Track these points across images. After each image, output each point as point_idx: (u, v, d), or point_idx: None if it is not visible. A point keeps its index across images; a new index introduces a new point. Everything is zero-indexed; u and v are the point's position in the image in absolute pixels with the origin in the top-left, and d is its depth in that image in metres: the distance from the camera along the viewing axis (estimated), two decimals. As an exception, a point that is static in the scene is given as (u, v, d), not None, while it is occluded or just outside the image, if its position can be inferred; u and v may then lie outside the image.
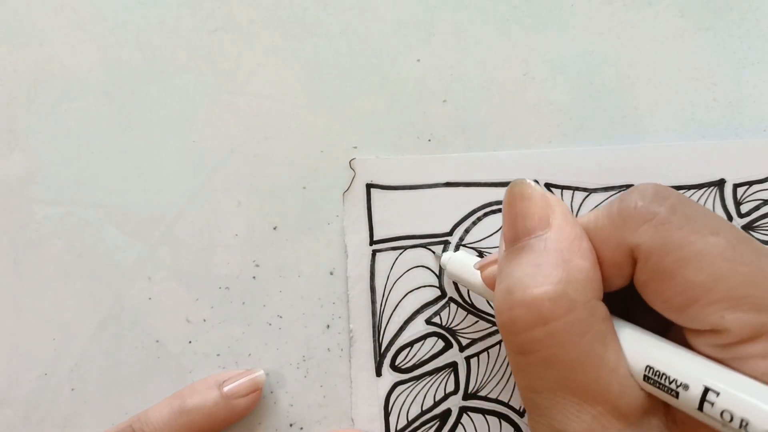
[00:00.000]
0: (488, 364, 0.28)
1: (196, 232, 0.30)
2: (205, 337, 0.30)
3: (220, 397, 0.28)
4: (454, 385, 0.29)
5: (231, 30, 0.31)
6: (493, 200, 0.29)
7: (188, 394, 0.28)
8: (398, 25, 0.30)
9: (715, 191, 0.29)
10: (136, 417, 0.28)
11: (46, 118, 0.31)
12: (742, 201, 0.29)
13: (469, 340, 0.29)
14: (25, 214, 0.31)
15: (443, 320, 0.29)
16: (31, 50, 0.31)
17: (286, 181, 0.30)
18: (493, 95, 0.30)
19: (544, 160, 0.29)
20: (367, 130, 0.30)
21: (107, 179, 0.31)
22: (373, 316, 0.29)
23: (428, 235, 0.29)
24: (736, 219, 0.29)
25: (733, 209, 0.28)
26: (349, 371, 0.29)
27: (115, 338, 0.30)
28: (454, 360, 0.28)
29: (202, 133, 0.30)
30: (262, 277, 0.30)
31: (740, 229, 0.20)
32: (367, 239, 0.29)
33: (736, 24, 0.30)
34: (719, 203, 0.28)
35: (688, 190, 0.29)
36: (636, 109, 0.29)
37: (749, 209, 0.29)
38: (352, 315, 0.29)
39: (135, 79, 0.31)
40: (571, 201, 0.29)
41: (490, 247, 0.29)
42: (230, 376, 0.28)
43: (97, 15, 0.31)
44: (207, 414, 0.28)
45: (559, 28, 0.30)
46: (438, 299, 0.29)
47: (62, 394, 0.30)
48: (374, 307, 0.29)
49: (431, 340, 0.29)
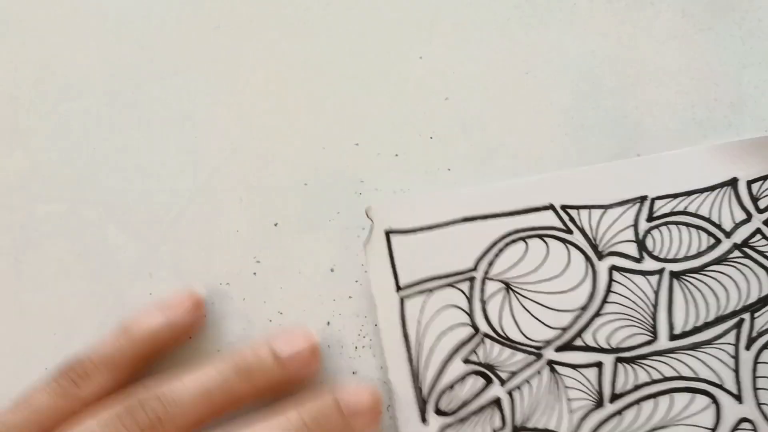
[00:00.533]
0: (531, 395, 0.28)
1: (197, 229, 0.30)
2: (205, 334, 0.30)
3: (164, 318, 0.28)
4: (501, 421, 0.28)
5: (232, 28, 0.31)
6: (512, 229, 0.29)
7: (132, 318, 0.28)
8: (400, 23, 0.30)
9: (729, 191, 0.28)
10: (83, 352, 0.28)
11: (47, 117, 0.31)
12: (759, 197, 0.28)
13: (508, 373, 0.28)
14: (26, 212, 0.31)
15: (480, 357, 0.28)
16: (33, 49, 0.31)
17: (287, 178, 0.30)
18: (494, 94, 0.30)
19: (558, 184, 0.29)
20: (369, 128, 0.30)
21: (108, 177, 0.31)
22: (411, 363, 0.28)
23: (453, 273, 0.29)
24: (755, 215, 0.28)
25: (751, 206, 0.28)
26: (395, 425, 0.28)
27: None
28: (497, 396, 0.28)
29: (203, 131, 0.30)
30: (263, 274, 0.30)
31: None
32: (394, 287, 0.29)
33: (738, 24, 0.30)
34: (735, 202, 0.28)
35: (701, 193, 0.29)
36: (637, 108, 0.29)
37: (767, 204, 0.29)
38: (389, 365, 0.28)
39: (136, 78, 0.31)
40: (589, 220, 0.29)
41: (516, 276, 0.29)
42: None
43: (99, 14, 0.31)
44: (151, 335, 0.28)
45: (561, 27, 0.30)
46: (472, 337, 0.28)
47: (61, 392, 0.30)
48: (410, 354, 0.28)
49: (471, 378, 0.28)
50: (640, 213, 0.29)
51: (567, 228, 0.29)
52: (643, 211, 0.29)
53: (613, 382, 0.28)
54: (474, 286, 0.29)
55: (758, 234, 0.28)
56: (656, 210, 0.29)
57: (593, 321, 0.28)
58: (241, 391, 0.27)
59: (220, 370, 0.27)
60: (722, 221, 0.29)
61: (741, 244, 0.28)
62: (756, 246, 0.28)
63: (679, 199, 0.29)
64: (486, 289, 0.28)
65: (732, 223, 0.28)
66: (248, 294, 0.30)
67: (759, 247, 0.28)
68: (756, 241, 0.28)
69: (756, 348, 0.28)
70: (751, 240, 0.28)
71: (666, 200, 0.29)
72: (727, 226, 0.28)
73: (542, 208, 0.29)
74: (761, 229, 0.28)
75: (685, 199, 0.29)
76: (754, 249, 0.28)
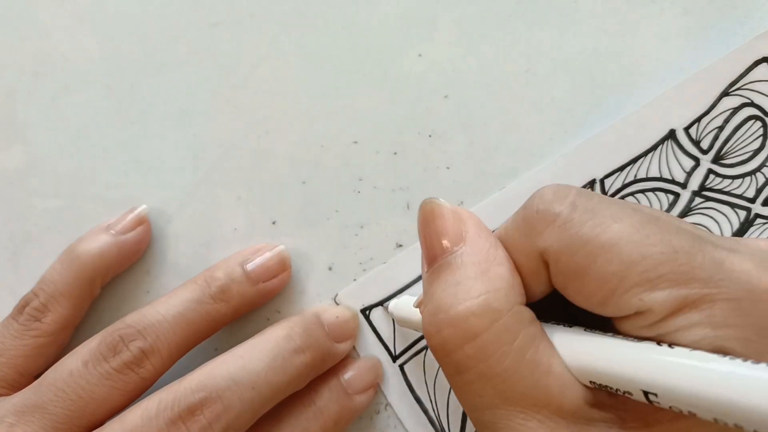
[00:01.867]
0: None
1: (195, 226, 0.30)
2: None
3: (110, 237, 0.28)
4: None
5: (232, 23, 0.31)
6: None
7: (76, 243, 0.28)
8: (400, 19, 0.30)
9: (670, 144, 0.29)
10: (35, 288, 0.28)
11: (45, 111, 0.31)
12: (700, 139, 0.29)
13: None
14: (24, 207, 0.31)
15: None
16: (31, 43, 0.31)
17: (286, 175, 0.30)
18: (494, 91, 0.30)
19: (506, 201, 0.29)
20: (368, 125, 0.30)
21: (107, 173, 0.31)
22: (432, 424, 0.28)
23: None
24: (702, 158, 0.28)
25: (696, 150, 0.29)
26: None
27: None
28: None
29: (202, 127, 0.30)
30: (261, 272, 0.30)
31: (648, 209, 0.20)
32: (389, 358, 0.29)
33: (740, 22, 0.29)
34: (680, 152, 0.29)
35: (645, 155, 0.29)
36: (638, 106, 0.29)
37: (709, 143, 0.29)
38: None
39: (135, 73, 0.31)
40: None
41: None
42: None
43: (98, 8, 0.31)
44: (98, 254, 0.28)
45: (562, 24, 0.30)
46: None
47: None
48: (429, 416, 0.28)
49: None
50: None
51: None
52: None
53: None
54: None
55: (711, 174, 0.29)
56: (608, 188, 0.29)
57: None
58: (218, 312, 0.27)
59: (195, 295, 0.27)
60: (674, 175, 0.29)
61: (699, 189, 0.29)
62: (713, 186, 0.29)
63: (627, 170, 0.29)
64: None
65: (683, 173, 0.29)
66: (246, 292, 0.30)
67: (716, 186, 0.29)
68: (711, 182, 0.29)
69: None
70: (706, 183, 0.29)
71: (614, 175, 0.29)
72: (681, 178, 0.29)
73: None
74: (712, 169, 0.29)
75: (632, 167, 0.29)
76: (712, 189, 0.29)
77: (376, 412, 0.29)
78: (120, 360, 0.25)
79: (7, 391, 0.27)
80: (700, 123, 0.29)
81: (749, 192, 0.28)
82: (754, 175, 0.28)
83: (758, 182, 0.28)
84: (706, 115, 0.29)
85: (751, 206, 0.28)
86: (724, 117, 0.29)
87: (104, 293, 0.30)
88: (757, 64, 0.28)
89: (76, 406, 0.25)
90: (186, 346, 0.26)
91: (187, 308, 0.26)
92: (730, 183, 0.28)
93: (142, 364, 0.25)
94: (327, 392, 0.27)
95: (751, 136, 0.29)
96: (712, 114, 0.29)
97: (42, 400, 0.25)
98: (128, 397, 0.25)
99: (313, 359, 0.26)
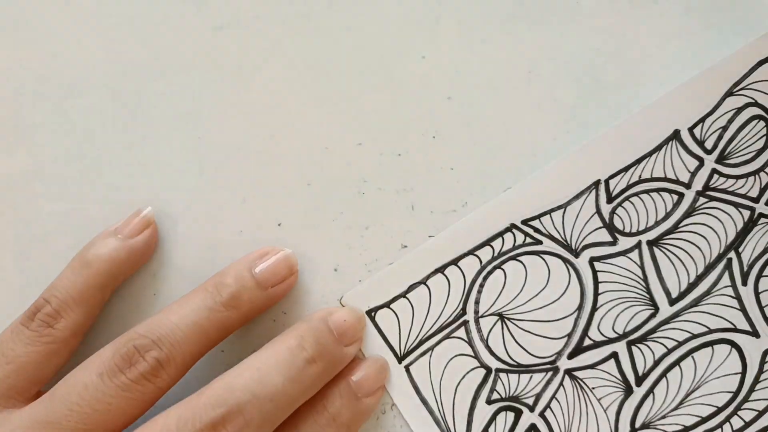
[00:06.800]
0: (563, 409, 0.28)
1: (200, 229, 0.30)
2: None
3: (118, 242, 0.28)
4: None
5: (236, 26, 0.31)
6: (484, 262, 0.29)
7: (86, 249, 0.28)
8: (403, 21, 0.30)
9: (674, 144, 0.29)
10: (44, 292, 0.28)
11: (51, 115, 0.31)
12: (704, 139, 0.29)
13: (533, 397, 0.28)
14: (30, 210, 0.31)
15: (501, 393, 0.28)
16: (36, 46, 0.31)
17: (291, 177, 0.30)
18: (498, 92, 0.30)
19: (510, 202, 0.29)
20: (372, 127, 0.30)
21: (112, 175, 0.31)
22: (438, 425, 0.28)
23: (445, 324, 0.29)
24: (706, 158, 0.29)
25: (700, 151, 0.29)
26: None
27: (119, 335, 0.30)
28: (531, 422, 0.28)
29: (207, 130, 0.30)
30: (267, 274, 0.30)
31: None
32: (395, 360, 0.29)
33: (742, 22, 0.29)
34: (684, 152, 0.29)
35: (650, 156, 0.29)
36: (641, 106, 0.29)
37: (713, 143, 0.29)
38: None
39: (140, 76, 0.31)
40: (552, 224, 0.29)
41: (505, 305, 0.29)
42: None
43: (103, 11, 0.31)
44: (108, 260, 0.28)
45: (565, 25, 0.30)
46: (486, 376, 0.28)
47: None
48: (434, 416, 0.28)
49: (501, 416, 0.28)
50: (599, 198, 0.29)
51: (535, 240, 0.29)
52: (601, 195, 0.29)
53: (634, 366, 0.28)
54: (470, 328, 0.29)
55: (715, 174, 0.29)
56: (613, 189, 0.29)
57: (593, 316, 0.28)
58: (229, 319, 0.27)
59: (207, 302, 0.26)
60: (678, 175, 0.29)
61: (703, 189, 0.29)
62: (717, 186, 0.29)
63: (631, 170, 0.29)
64: (482, 328, 0.29)
65: (688, 173, 0.29)
66: (252, 294, 0.30)
67: (720, 186, 0.29)
68: (715, 182, 0.29)
69: (752, 281, 0.28)
70: (710, 182, 0.29)
71: (619, 176, 0.29)
72: (685, 178, 0.29)
73: (504, 230, 0.29)
74: (716, 169, 0.29)
75: (636, 167, 0.29)
76: (716, 189, 0.29)
77: (381, 412, 0.29)
78: (137, 371, 0.25)
79: (16, 402, 0.26)
80: (704, 123, 0.29)
81: (753, 191, 0.29)
82: (758, 174, 0.29)
83: (762, 182, 0.29)
84: (710, 115, 0.29)
85: (755, 206, 0.28)
86: (728, 117, 0.29)
87: (111, 297, 0.30)
88: (760, 64, 0.29)
89: (91, 419, 0.24)
90: (199, 353, 0.26)
91: (200, 316, 0.26)
92: (734, 183, 0.29)
93: (159, 374, 0.25)
94: (338, 398, 0.27)
95: (755, 136, 0.29)
96: (716, 114, 0.29)
97: (56, 416, 0.24)
98: (144, 408, 0.25)
99: (325, 368, 0.26)
